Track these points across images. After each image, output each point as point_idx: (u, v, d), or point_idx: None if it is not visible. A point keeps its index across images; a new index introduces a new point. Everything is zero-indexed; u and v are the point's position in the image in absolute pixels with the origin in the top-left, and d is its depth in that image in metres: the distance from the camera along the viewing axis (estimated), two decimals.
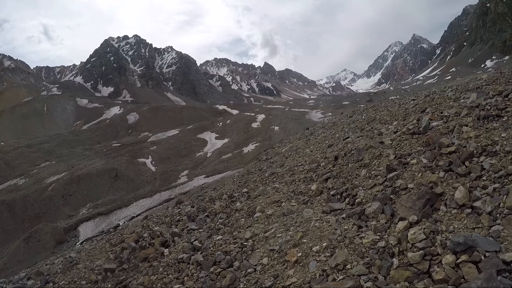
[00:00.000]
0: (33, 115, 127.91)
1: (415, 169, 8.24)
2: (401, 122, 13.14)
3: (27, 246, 35.81)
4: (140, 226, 14.40)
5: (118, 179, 52.47)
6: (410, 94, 26.56)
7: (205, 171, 51.05)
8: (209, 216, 12.18)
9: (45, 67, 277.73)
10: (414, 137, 10.35)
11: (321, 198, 9.83)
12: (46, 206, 46.86)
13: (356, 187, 9.16)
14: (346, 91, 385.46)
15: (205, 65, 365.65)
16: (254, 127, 79.10)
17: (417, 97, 18.10)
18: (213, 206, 12.84)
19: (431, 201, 6.80)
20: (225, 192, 15.49)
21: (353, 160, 11.42)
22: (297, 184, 12.13)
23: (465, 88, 14.04)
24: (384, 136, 12.40)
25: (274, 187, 12.62)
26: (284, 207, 9.97)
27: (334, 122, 27.96)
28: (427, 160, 8.39)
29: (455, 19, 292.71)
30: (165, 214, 15.71)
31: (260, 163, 24.44)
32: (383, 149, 10.71)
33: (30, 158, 70.79)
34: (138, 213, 39.73)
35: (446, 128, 9.55)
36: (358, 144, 12.87)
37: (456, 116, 10.22)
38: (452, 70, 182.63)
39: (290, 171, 14.88)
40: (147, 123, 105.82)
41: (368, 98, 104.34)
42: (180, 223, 12.47)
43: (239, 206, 11.98)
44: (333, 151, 14.58)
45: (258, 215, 10.06)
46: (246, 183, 16.79)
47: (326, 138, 19.69)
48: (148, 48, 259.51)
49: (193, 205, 15.01)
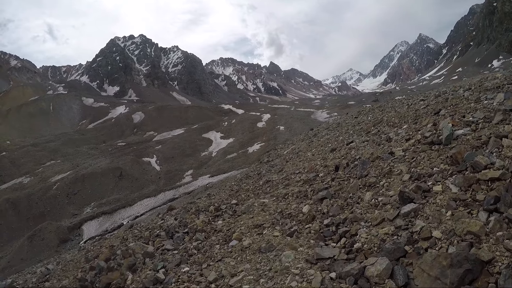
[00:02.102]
0: (39, 114, 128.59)
1: (441, 202, 6.06)
2: (412, 126, 11.80)
3: (31, 245, 35.76)
4: (120, 238, 13.54)
5: (122, 178, 52.40)
6: (418, 94, 25.90)
7: (210, 170, 50.83)
8: (188, 233, 11.05)
9: (51, 67, 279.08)
10: (434, 149, 8.44)
11: (311, 229, 7.79)
12: (51, 205, 46.86)
13: (357, 220, 7.12)
14: (352, 91, 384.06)
15: (211, 64, 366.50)
16: (260, 127, 78.80)
17: (426, 97, 17.18)
18: (195, 221, 11.68)
19: (472, 274, 4.34)
20: (214, 203, 14.37)
21: (356, 174, 9.81)
22: (288, 200, 10.70)
23: (482, 87, 12.51)
24: (393, 143, 10.84)
25: (263, 203, 11.28)
26: (265, 236, 8.34)
27: (338, 123, 27.28)
28: (458, 188, 6.18)
29: (462, 18, 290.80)
30: (147, 225, 14.66)
31: (260, 166, 24.02)
32: (393, 163, 8.93)
33: (36, 157, 71.07)
34: (142, 212, 39.65)
35: (477, 139, 7.57)
36: (363, 152, 11.59)
37: (487, 123, 8.26)
38: (459, 70, 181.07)
39: (286, 179, 13.99)
40: (153, 122, 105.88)
41: (374, 98, 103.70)
42: (157, 240, 11.40)
43: (219, 226, 10.71)
44: (335, 157, 13.42)
45: (234, 244, 8.60)
46: (238, 192, 15.65)
47: (329, 141, 18.95)
48: (154, 48, 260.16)
49: (176, 217, 13.98)
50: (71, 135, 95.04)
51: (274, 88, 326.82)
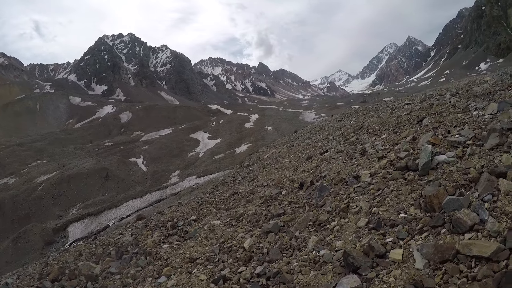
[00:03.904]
0: (26, 113, 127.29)
1: (394, 284, 4.20)
2: (391, 136, 10.82)
3: (15, 247, 35.48)
4: (77, 253, 12.43)
5: (108, 179, 52.15)
6: (404, 97, 25.78)
7: (197, 171, 50.79)
8: (137, 254, 9.99)
9: (38, 65, 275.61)
10: (407, 178, 6.78)
11: (241, 276, 6.35)
12: (36, 206, 46.48)
13: (285, 282, 5.43)
14: (341, 92, 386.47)
15: (200, 64, 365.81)
16: (247, 127, 78.92)
17: (411, 101, 16.68)
18: (147, 241, 10.74)
19: None
20: (174, 217, 13.21)
21: (313, 201, 8.31)
22: (240, 225, 9.39)
23: (471, 93, 11.47)
24: (365, 160, 9.44)
25: (213, 226, 10.04)
26: (192, 278, 7.06)
27: (322, 125, 26.87)
28: (425, 262, 4.26)
29: (450, 21, 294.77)
30: (104, 240, 13.36)
31: (239, 170, 23.48)
32: (355, 194, 7.40)
33: (21, 157, 70.28)
34: (128, 213, 39.48)
35: (463, 173, 5.73)
36: (331, 167, 10.54)
37: (478, 146, 6.50)
38: (446, 72, 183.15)
39: (251, 193, 12.99)
40: (140, 122, 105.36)
41: (362, 99, 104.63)
42: (107, 260, 10.33)
43: (163, 251, 9.55)
44: (305, 170, 12.48)
45: (161, 282, 7.48)
46: (201, 205, 14.35)
47: (308, 146, 18.27)
48: (142, 47, 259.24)
49: (133, 233, 12.95)
50: (58, 135, 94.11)
51: (263, 88, 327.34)
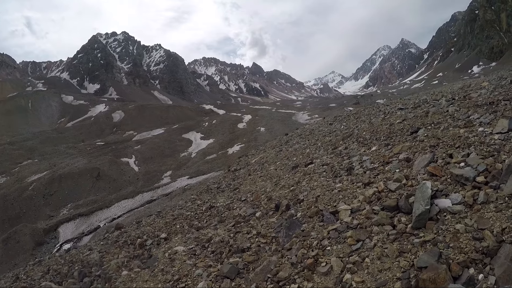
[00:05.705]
0: (17, 111, 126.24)
1: None
2: (381, 150, 9.73)
3: (5, 248, 35.21)
4: (44, 269, 11.56)
5: (100, 179, 51.94)
6: (397, 100, 25.67)
7: (189, 172, 50.78)
8: (97, 279, 8.85)
9: (31, 62, 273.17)
10: (396, 226, 5.23)
11: None
12: (27, 206, 46.16)
13: None
14: (334, 93, 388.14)
15: (193, 64, 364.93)
16: (240, 128, 78.99)
17: (405, 106, 15.99)
18: (111, 262, 9.63)
19: None
20: (144, 234, 12.19)
21: (280, 239, 6.88)
22: (203, 255, 8.02)
23: (470, 102, 10.28)
24: (349, 185, 8.08)
25: (174, 253, 8.70)
26: None
27: (312, 129, 26.40)
28: None
29: (444, 25, 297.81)
30: (73, 256, 12.24)
31: (227, 175, 22.79)
32: (328, 242, 5.75)
33: (12, 155, 69.75)
34: (119, 214, 39.41)
35: (474, 237, 4.23)
36: (311, 187, 9.40)
37: (493, 188, 5.02)
38: (439, 75, 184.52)
39: (227, 208, 11.90)
40: (133, 121, 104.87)
41: (355, 100, 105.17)
42: (69, 281, 9.26)
43: (121, 279, 8.24)
44: (285, 186, 11.25)
45: None
46: (175, 219, 13.26)
47: (296, 153, 17.63)
48: (136, 46, 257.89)
49: (101, 250, 11.77)
50: (49, 134, 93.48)
51: (256, 89, 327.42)
